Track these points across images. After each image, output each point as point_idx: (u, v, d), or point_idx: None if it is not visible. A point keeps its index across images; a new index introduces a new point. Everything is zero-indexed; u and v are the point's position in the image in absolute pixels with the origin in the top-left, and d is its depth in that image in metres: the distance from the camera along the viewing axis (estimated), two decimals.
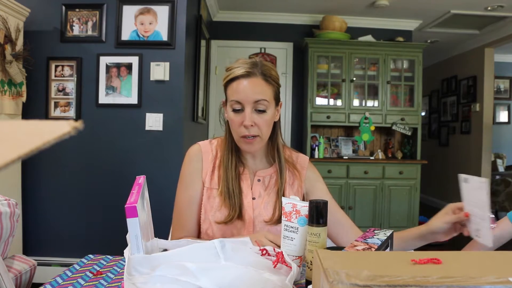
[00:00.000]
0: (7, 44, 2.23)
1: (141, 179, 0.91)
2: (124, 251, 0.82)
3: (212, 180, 1.15)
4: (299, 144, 4.31)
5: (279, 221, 1.13)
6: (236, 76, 1.07)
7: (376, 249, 0.79)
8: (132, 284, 0.72)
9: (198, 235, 1.17)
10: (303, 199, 1.20)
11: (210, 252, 0.77)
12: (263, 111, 1.08)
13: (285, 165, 1.18)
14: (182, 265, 0.73)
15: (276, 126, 1.17)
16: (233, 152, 1.15)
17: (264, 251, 0.89)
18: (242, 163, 1.17)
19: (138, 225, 0.77)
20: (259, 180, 1.17)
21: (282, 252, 0.87)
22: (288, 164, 1.19)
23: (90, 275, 0.95)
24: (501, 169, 5.41)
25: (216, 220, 1.12)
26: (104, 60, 2.62)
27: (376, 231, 0.90)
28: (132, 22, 2.61)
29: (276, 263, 0.81)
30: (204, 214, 1.14)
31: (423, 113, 6.23)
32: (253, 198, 1.15)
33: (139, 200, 0.79)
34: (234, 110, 1.08)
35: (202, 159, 1.17)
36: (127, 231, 0.77)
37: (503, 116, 6.02)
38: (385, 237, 0.85)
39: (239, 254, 0.79)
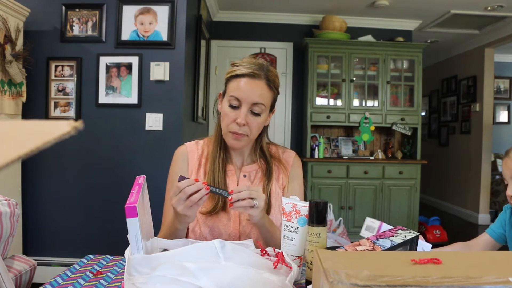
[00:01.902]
0: (7, 44, 2.23)
1: (141, 179, 0.91)
2: (125, 251, 0.82)
3: (198, 177, 1.18)
4: (299, 144, 4.31)
5: None
6: (241, 73, 1.09)
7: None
8: (132, 284, 0.72)
9: (186, 234, 1.18)
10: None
11: (210, 252, 0.77)
12: (258, 114, 1.11)
13: (271, 161, 1.21)
14: (182, 265, 0.73)
15: (264, 129, 1.21)
16: (222, 148, 1.18)
17: (264, 252, 0.89)
18: (228, 159, 1.20)
19: (138, 225, 0.77)
20: (245, 176, 1.19)
21: (282, 252, 0.87)
22: (274, 159, 1.23)
23: (90, 275, 0.95)
24: (501, 169, 5.40)
25: (200, 211, 1.13)
26: (104, 60, 2.62)
27: (399, 231, 0.85)
28: (132, 22, 2.61)
29: (276, 263, 0.81)
30: None
31: (423, 113, 6.23)
32: None
33: (139, 200, 0.80)
34: (231, 106, 1.10)
35: (187, 158, 1.21)
36: (127, 231, 0.77)
37: (503, 116, 6.02)
38: (401, 241, 0.80)
39: (239, 254, 0.79)
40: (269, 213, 1.15)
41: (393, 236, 0.82)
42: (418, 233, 0.86)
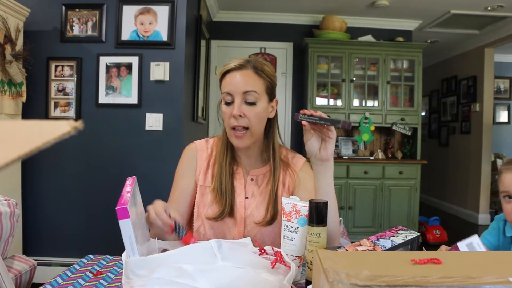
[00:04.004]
0: (7, 44, 2.23)
1: (130, 180, 0.91)
2: (123, 254, 0.82)
3: (206, 178, 1.16)
4: (299, 144, 4.31)
5: (270, 222, 1.12)
6: (228, 69, 1.11)
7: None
8: (130, 287, 0.72)
9: None
10: None
11: (207, 252, 0.77)
12: (253, 103, 1.09)
13: (279, 164, 1.16)
14: (179, 267, 0.72)
15: (272, 123, 1.17)
16: (229, 150, 1.16)
17: (263, 251, 0.89)
18: (236, 161, 1.18)
19: (130, 226, 0.77)
20: (252, 179, 1.17)
21: (280, 251, 0.87)
22: (282, 163, 1.19)
23: (90, 275, 0.95)
24: None
25: (207, 216, 1.13)
26: (104, 60, 2.62)
27: (400, 231, 0.86)
28: (132, 22, 2.61)
29: (274, 263, 0.81)
30: (197, 211, 1.16)
31: (423, 113, 6.23)
32: (246, 198, 1.15)
33: (130, 201, 0.79)
34: (226, 103, 1.10)
35: (196, 157, 1.19)
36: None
37: (503, 116, 6.01)
38: (402, 241, 0.81)
39: (236, 254, 0.79)
40: (275, 219, 1.12)
41: (393, 236, 0.83)
42: (419, 233, 0.86)
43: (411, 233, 0.85)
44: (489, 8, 3.77)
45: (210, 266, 0.74)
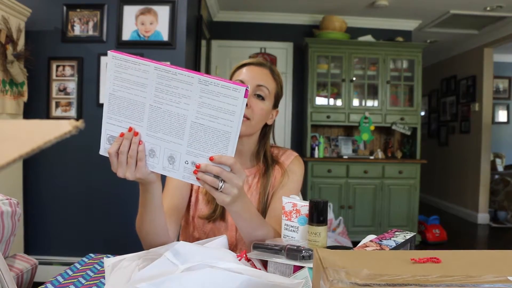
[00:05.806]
0: (8, 44, 2.23)
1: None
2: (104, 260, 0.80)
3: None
4: (299, 143, 4.31)
5: None
6: (247, 62, 1.15)
7: None
8: None
9: (178, 237, 1.17)
10: None
11: (166, 264, 0.72)
12: (262, 99, 1.11)
13: (271, 168, 1.17)
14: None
15: (268, 130, 1.20)
16: None
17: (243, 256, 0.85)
18: None
19: (113, 73, 0.77)
20: None
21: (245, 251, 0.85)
22: (273, 162, 1.20)
23: (91, 274, 0.95)
24: (500, 168, 5.42)
25: (200, 215, 1.13)
26: (105, 60, 2.62)
27: (396, 233, 0.88)
28: (132, 22, 2.61)
29: (240, 257, 0.80)
30: (191, 216, 1.17)
31: (422, 113, 6.23)
32: None
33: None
34: None
35: None
36: (126, 231, 0.76)
37: (502, 116, 6.02)
38: (403, 240, 0.83)
39: (194, 252, 0.75)
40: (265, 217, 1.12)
41: (393, 237, 0.84)
42: (414, 233, 0.89)
43: (407, 233, 0.88)
44: (488, 9, 3.77)
45: (169, 277, 0.67)
